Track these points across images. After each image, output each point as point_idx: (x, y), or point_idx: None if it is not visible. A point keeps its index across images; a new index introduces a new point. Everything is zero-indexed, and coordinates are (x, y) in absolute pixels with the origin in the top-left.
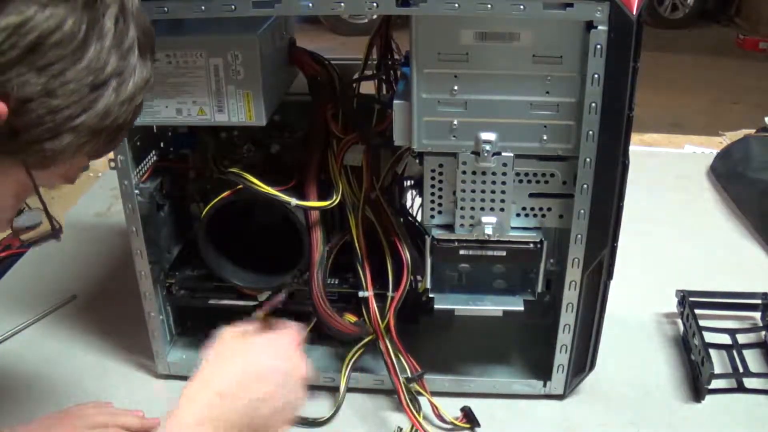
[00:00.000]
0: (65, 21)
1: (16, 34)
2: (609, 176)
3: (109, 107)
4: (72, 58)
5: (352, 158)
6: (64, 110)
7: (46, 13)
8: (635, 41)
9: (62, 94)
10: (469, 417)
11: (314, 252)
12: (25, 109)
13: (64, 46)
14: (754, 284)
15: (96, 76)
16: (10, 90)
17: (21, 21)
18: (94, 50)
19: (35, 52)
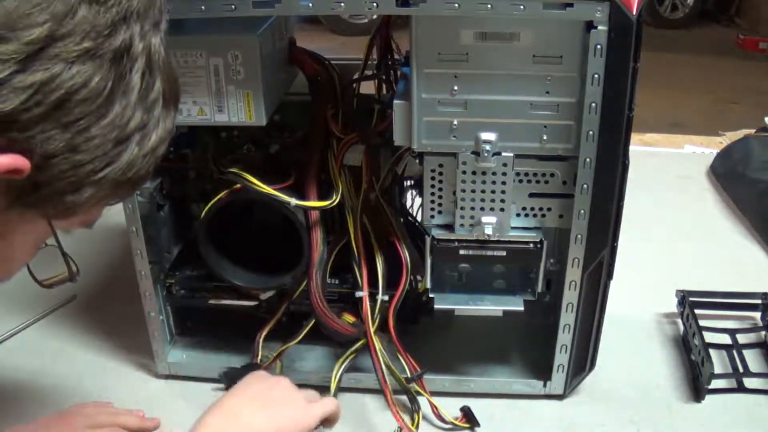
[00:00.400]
0: (92, 78)
1: (42, 91)
2: (609, 176)
3: (132, 161)
4: (97, 114)
5: (352, 158)
6: (87, 165)
7: (73, 71)
8: (635, 41)
9: (86, 150)
10: (468, 417)
11: (314, 252)
12: (48, 164)
13: (90, 102)
14: (754, 284)
15: (121, 131)
16: (34, 146)
17: (47, 78)
18: (119, 106)
19: (61, 109)
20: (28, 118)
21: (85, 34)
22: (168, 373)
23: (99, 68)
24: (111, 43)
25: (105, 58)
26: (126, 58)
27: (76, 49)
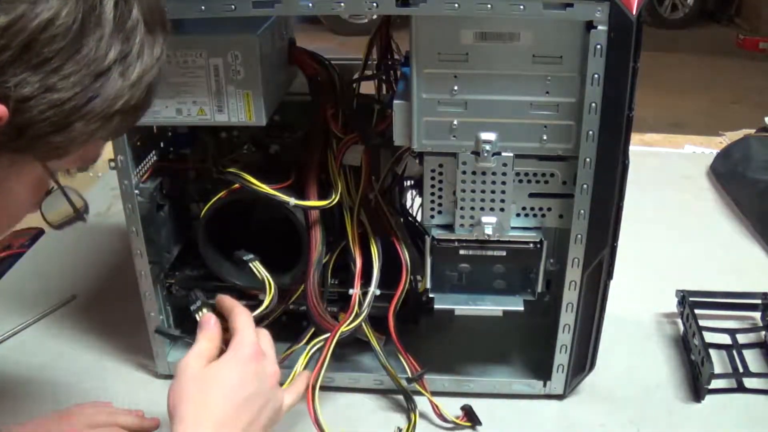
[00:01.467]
0: (58, 14)
1: (6, 35)
2: (609, 176)
3: (118, 92)
4: (69, 51)
5: (352, 158)
6: (67, 102)
7: (38, 9)
8: (635, 41)
9: (63, 88)
10: (470, 415)
11: (312, 252)
12: (26, 107)
13: (60, 40)
14: (754, 284)
15: (98, 64)
16: (8, 91)
17: (10, 21)
18: (92, 39)
19: (29, 51)
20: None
21: None
22: (168, 373)
23: (65, 3)
24: None
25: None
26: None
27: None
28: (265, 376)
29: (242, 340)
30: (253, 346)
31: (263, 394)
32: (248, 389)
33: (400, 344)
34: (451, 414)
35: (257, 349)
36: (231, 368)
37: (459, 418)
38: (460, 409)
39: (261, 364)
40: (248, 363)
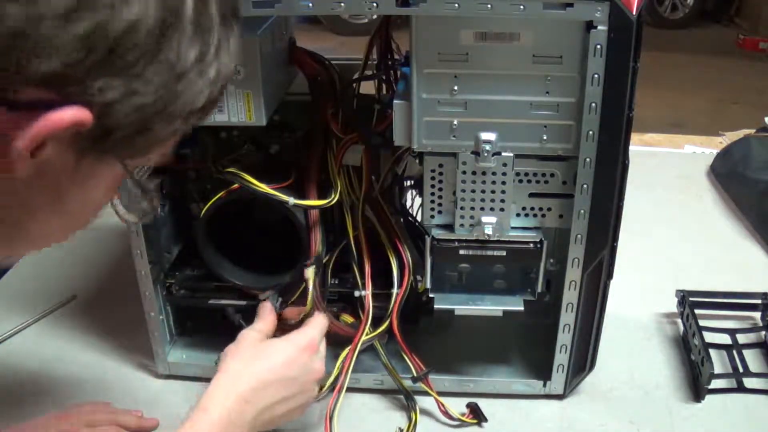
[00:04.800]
0: (140, 19)
1: (91, 41)
2: (609, 176)
3: (196, 91)
4: (151, 55)
5: (352, 158)
6: (150, 105)
7: (119, 15)
8: (635, 41)
9: (146, 92)
10: (475, 412)
11: (313, 252)
12: (110, 111)
13: (141, 44)
14: (754, 284)
15: (178, 66)
16: (92, 97)
17: (93, 27)
18: (173, 42)
19: (112, 56)
20: (81, 71)
21: None
22: (168, 373)
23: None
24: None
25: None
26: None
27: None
28: (310, 369)
29: (304, 332)
30: (311, 339)
31: (300, 383)
32: (290, 372)
33: (404, 344)
34: (457, 412)
35: (313, 343)
36: (284, 348)
37: (465, 416)
38: (466, 407)
39: (311, 357)
40: (300, 351)
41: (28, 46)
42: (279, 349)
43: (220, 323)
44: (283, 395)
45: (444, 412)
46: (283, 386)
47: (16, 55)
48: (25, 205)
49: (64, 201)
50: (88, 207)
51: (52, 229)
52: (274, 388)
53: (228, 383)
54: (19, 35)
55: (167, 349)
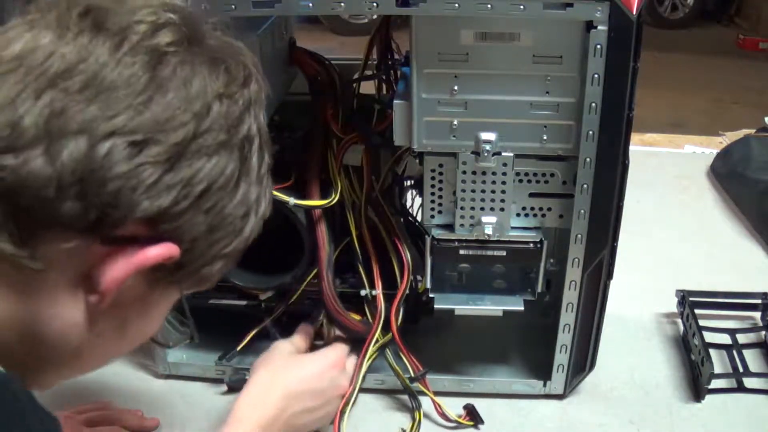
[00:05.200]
0: (227, 166)
1: (189, 185)
2: (609, 176)
3: (252, 228)
4: (230, 197)
5: (352, 158)
6: (222, 241)
7: (212, 162)
8: (635, 41)
9: (221, 228)
10: (472, 414)
11: (321, 251)
12: (192, 247)
13: (224, 188)
14: (754, 284)
15: (245, 207)
16: (182, 233)
17: (193, 173)
18: (244, 185)
19: (203, 198)
20: (177, 211)
21: (220, 128)
22: (168, 373)
23: (230, 156)
24: (239, 132)
25: (234, 147)
26: (247, 141)
27: (213, 143)
28: (337, 384)
29: (335, 348)
30: (340, 356)
31: (327, 396)
32: (319, 384)
33: (403, 344)
34: (454, 413)
35: (342, 360)
36: (315, 361)
37: (461, 417)
38: (463, 408)
39: (339, 372)
40: (330, 366)
41: (140, 187)
42: (310, 361)
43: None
44: (310, 405)
45: (441, 413)
46: (312, 397)
47: (126, 195)
48: (97, 332)
49: (127, 329)
50: (146, 334)
51: (108, 354)
52: (303, 398)
53: (261, 393)
54: (132, 176)
55: (168, 349)
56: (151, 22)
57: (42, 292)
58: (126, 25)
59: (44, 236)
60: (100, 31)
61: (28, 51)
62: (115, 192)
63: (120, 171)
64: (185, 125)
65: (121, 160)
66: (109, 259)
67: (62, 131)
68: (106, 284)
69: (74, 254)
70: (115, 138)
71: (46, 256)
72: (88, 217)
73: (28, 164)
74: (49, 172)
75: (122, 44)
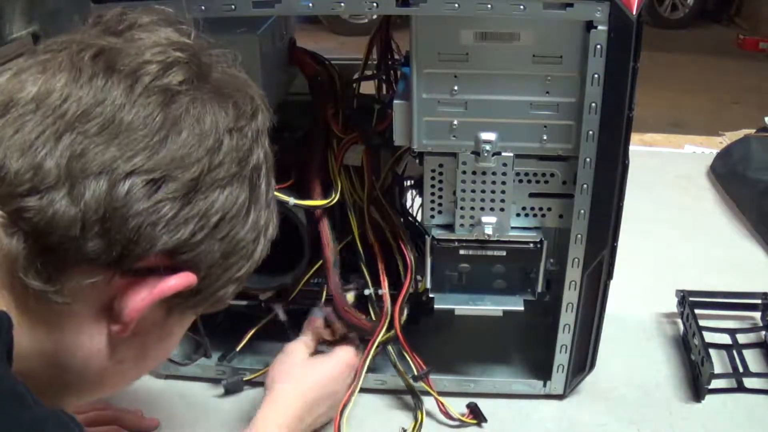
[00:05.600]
0: (239, 197)
1: (206, 217)
2: (609, 176)
3: (262, 251)
4: (242, 224)
5: (352, 158)
6: (235, 266)
7: (226, 193)
8: (635, 41)
9: (235, 254)
10: (475, 413)
11: (326, 250)
12: (208, 274)
13: (237, 216)
14: (754, 284)
15: (257, 231)
16: (199, 262)
17: (208, 206)
18: (254, 212)
19: (218, 228)
20: (195, 242)
21: (232, 161)
22: (168, 373)
23: (242, 186)
24: (249, 163)
25: (245, 177)
26: (256, 171)
27: (226, 176)
28: (348, 383)
29: (346, 348)
30: (352, 357)
31: (339, 396)
32: (335, 386)
33: (406, 343)
34: (457, 412)
35: (354, 360)
36: (329, 365)
37: (465, 416)
38: (466, 407)
39: (350, 372)
40: (345, 367)
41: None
42: (327, 366)
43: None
44: (327, 407)
45: (444, 412)
46: (328, 399)
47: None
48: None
49: (147, 353)
50: (164, 357)
51: (128, 378)
52: (321, 402)
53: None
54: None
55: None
56: (161, 61)
57: (66, 324)
58: (137, 66)
59: (70, 272)
60: (114, 73)
61: (45, 94)
62: (136, 228)
63: (140, 208)
64: (200, 161)
65: (141, 197)
66: (130, 290)
67: (83, 173)
68: (128, 314)
69: (98, 287)
70: (135, 177)
71: (72, 290)
72: (112, 253)
73: (53, 205)
74: (73, 213)
75: (136, 85)
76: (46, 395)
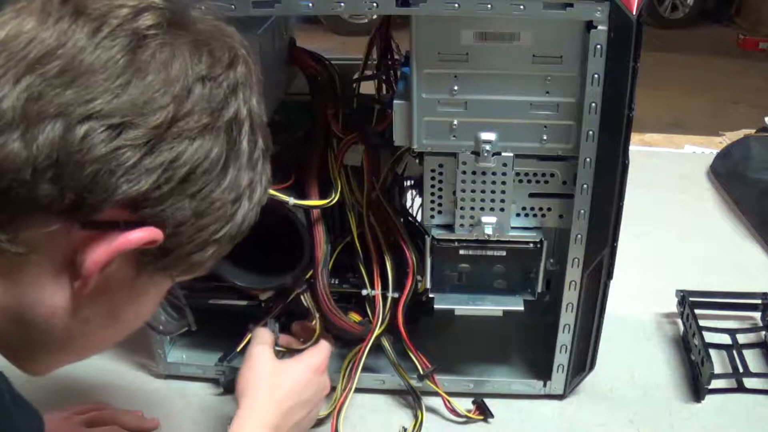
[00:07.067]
0: (212, 150)
1: (170, 169)
2: (609, 176)
3: (244, 215)
4: (217, 181)
5: (352, 158)
6: (210, 226)
7: (195, 145)
8: (635, 41)
9: (209, 213)
10: (481, 409)
11: (318, 251)
12: (178, 231)
13: (211, 172)
14: (754, 284)
15: (235, 192)
16: (165, 218)
17: (174, 157)
18: (233, 170)
19: (187, 182)
20: (159, 195)
21: (202, 111)
22: (168, 373)
23: (216, 139)
24: (224, 115)
25: (220, 130)
26: (235, 125)
27: (196, 126)
28: (322, 387)
29: (317, 353)
30: (322, 360)
31: (315, 402)
32: (308, 393)
33: (410, 343)
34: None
35: (325, 363)
36: (300, 371)
37: (471, 412)
38: (472, 403)
39: (322, 377)
40: (315, 372)
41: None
42: (296, 372)
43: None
44: (302, 414)
45: (450, 409)
46: (303, 406)
47: (104, 178)
48: (83, 318)
49: (117, 314)
50: (137, 320)
51: (101, 340)
52: (296, 410)
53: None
54: (110, 159)
55: (167, 349)
56: (133, 6)
57: (26, 277)
58: (107, 9)
59: (25, 220)
60: (80, 16)
61: (12, 37)
62: (91, 175)
63: (97, 154)
64: (164, 108)
65: (99, 143)
66: (91, 243)
67: (39, 115)
68: (87, 268)
69: (55, 238)
70: (92, 121)
71: (28, 240)
72: (65, 200)
73: (6, 147)
74: (25, 155)
75: (101, 28)
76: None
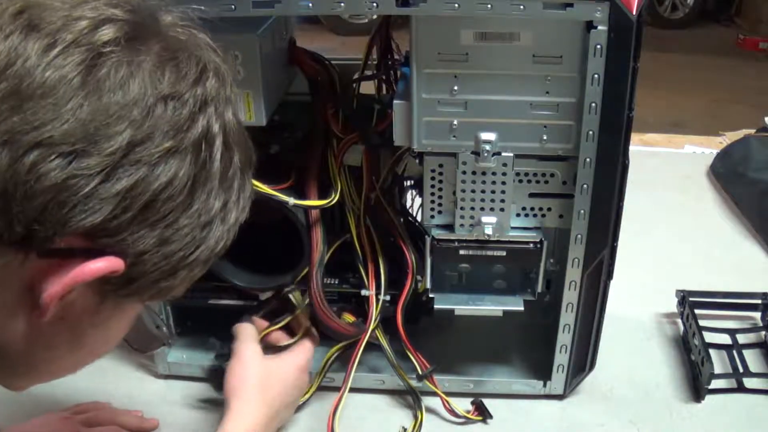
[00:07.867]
0: (176, 174)
1: (129, 197)
2: (609, 176)
3: (218, 238)
4: (183, 206)
5: (352, 158)
6: (178, 252)
7: (157, 172)
8: (635, 41)
9: (176, 240)
10: (480, 409)
11: (314, 252)
12: (141, 260)
13: (176, 198)
14: (754, 284)
15: (206, 215)
16: (126, 247)
17: (132, 184)
18: (203, 193)
19: (148, 210)
20: (117, 225)
21: (164, 134)
22: (168, 373)
23: (182, 162)
24: (191, 135)
25: (186, 152)
26: (205, 144)
27: (157, 151)
28: (303, 386)
29: (301, 353)
30: (306, 360)
31: (295, 402)
32: (294, 393)
33: (410, 343)
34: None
35: (309, 362)
36: (289, 371)
37: (470, 413)
38: (471, 404)
39: (305, 376)
40: (299, 372)
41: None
42: (284, 372)
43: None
44: (286, 414)
45: (449, 409)
46: (288, 406)
47: (55, 210)
48: (45, 344)
49: (82, 340)
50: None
51: (67, 364)
52: (282, 410)
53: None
54: (61, 190)
55: (167, 349)
56: (91, 18)
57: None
58: (63, 24)
59: None
60: (32, 31)
61: None
62: (41, 207)
63: (47, 184)
64: (120, 134)
65: (49, 173)
66: (48, 273)
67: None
68: (45, 299)
69: (11, 268)
70: (42, 149)
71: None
72: (13, 232)
73: None
74: None
75: (55, 44)
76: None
